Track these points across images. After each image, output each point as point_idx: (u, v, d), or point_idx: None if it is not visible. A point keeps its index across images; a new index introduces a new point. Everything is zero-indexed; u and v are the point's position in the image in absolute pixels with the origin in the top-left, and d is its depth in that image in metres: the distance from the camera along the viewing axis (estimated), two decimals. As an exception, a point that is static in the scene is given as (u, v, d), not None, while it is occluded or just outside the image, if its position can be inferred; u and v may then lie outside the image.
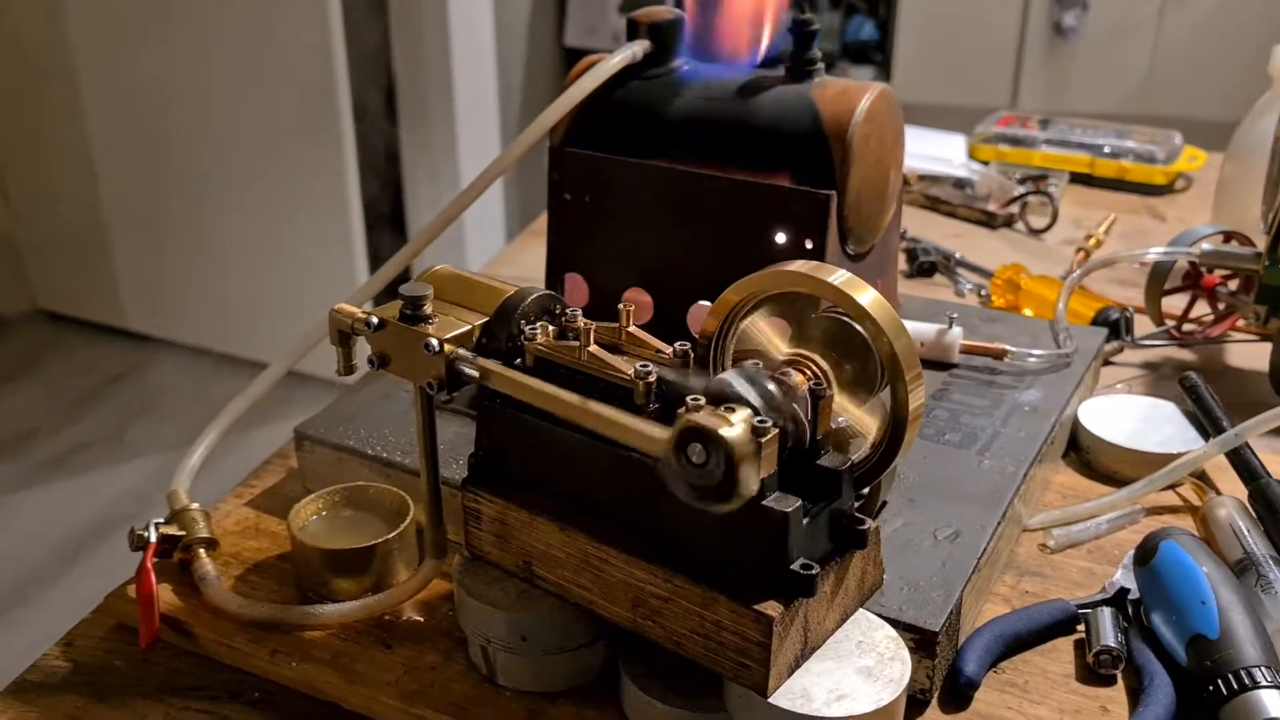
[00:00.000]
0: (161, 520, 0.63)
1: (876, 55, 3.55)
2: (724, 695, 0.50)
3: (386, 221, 2.70)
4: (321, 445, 0.68)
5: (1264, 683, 0.50)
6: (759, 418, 0.45)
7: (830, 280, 0.49)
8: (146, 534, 0.61)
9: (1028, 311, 0.95)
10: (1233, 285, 0.91)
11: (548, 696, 0.54)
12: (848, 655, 0.50)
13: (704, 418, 0.43)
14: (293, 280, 2.45)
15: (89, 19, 2.40)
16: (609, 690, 0.54)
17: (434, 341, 0.52)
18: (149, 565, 0.60)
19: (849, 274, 0.50)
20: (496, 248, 2.60)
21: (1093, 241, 1.07)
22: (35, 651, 0.61)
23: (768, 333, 0.53)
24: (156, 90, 2.40)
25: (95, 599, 0.63)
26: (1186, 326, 0.94)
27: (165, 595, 0.61)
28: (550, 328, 0.54)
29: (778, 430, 0.46)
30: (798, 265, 0.51)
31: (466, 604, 0.55)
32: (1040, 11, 3.58)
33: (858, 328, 0.51)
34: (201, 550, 0.62)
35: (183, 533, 0.62)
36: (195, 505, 0.64)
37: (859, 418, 0.53)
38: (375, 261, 2.49)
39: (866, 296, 0.49)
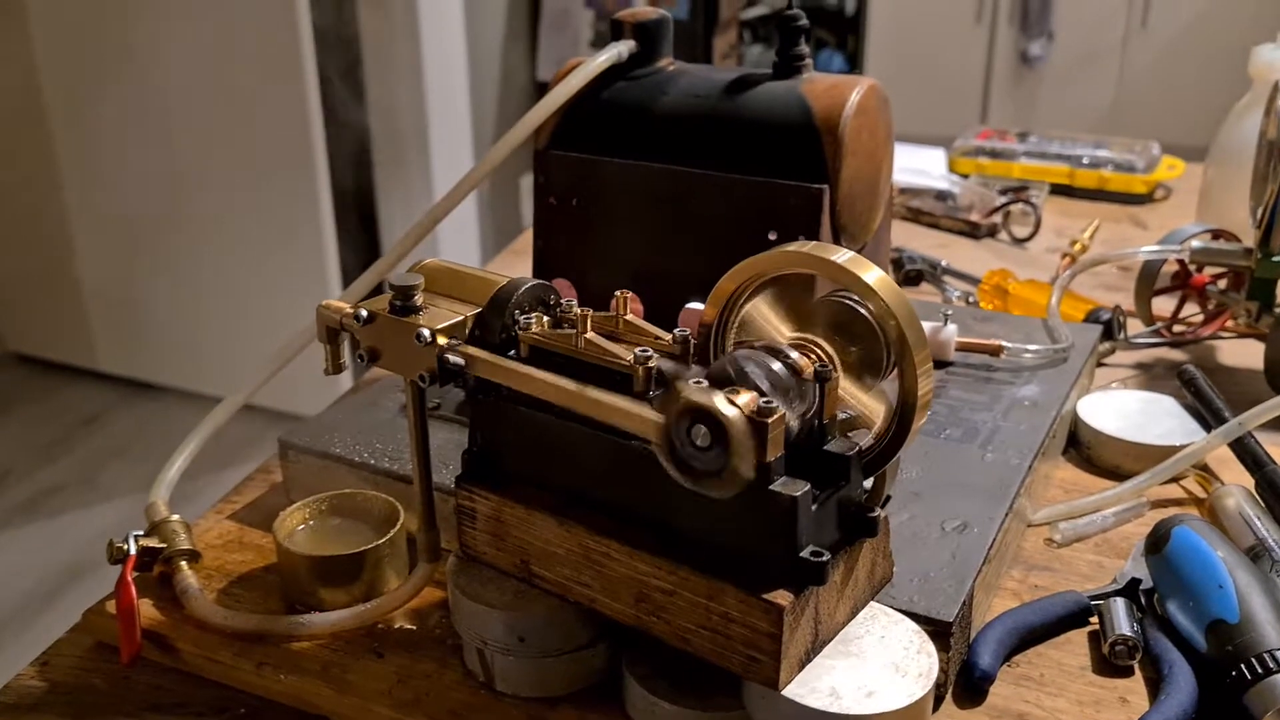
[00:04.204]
0: (141, 533, 0.61)
1: (847, 87, 3.56)
2: (744, 695, 0.48)
3: (363, 266, 2.68)
4: (307, 454, 0.66)
5: (1288, 665, 0.49)
6: (764, 399, 0.44)
7: (835, 259, 0.48)
8: (126, 546, 0.59)
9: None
10: (1222, 284, 0.91)
11: (548, 702, 0.52)
12: (871, 651, 0.48)
13: (701, 395, 0.41)
14: (266, 320, 2.42)
15: (58, 59, 2.39)
16: (612, 694, 0.52)
17: (425, 332, 0.50)
18: (129, 578, 0.57)
19: (853, 253, 0.48)
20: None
21: (1078, 246, 1.07)
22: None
23: (770, 318, 0.52)
24: (128, 130, 2.38)
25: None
26: (1177, 327, 0.93)
27: (146, 610, 0.58)
28: (545, 318, 0.52)
29: (783, 412, 0.44)
30: (799, 245, 0.49)
31: (461, 605, 0.53)
32: (1006, 41, 3.63)
33: (863, 310, 0.49)
34: (183, 562, 0.60)
35: (163, 545, 0.60)
36: (175, 517, 0.62)
37: (865, 404, 0.51)
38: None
39: (872, 275, 0.48)
